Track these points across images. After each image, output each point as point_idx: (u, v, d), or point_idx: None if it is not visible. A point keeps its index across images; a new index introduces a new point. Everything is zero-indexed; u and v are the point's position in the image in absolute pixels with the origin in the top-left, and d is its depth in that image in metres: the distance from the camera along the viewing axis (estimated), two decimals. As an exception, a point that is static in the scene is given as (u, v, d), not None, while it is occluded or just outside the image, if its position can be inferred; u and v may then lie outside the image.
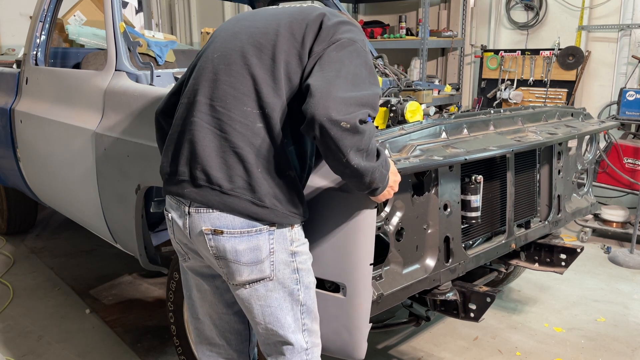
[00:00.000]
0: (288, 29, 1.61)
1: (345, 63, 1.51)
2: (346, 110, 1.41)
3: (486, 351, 2.94)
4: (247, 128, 1.54)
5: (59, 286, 3.73)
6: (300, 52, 1.57)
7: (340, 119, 1.40)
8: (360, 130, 1.42)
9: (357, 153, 1.43)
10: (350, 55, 1.54)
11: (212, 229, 1.56)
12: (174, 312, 2.52)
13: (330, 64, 1.51)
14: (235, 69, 1.59)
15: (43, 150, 3.33)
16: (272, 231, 1.58)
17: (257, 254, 1.58)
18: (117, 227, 2.83)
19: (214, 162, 1.54)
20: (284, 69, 1.56)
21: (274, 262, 1.61)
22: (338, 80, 1.46)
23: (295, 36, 1.59)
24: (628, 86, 4.75)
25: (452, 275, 2.21)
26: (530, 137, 2.39)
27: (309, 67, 1.55)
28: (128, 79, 2.69)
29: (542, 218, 2.78)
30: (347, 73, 1.49)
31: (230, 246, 1.56)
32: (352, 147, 1.42)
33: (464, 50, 5.96)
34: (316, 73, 1.50)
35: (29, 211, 4.67)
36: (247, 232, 1.56)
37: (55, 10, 3.53)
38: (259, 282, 1.62)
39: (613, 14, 5.01)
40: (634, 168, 4.44)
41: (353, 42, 1.58)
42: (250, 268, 1.59)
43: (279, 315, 1.66)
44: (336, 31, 1.59)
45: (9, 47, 6.21)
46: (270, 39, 1.60)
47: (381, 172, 1.52)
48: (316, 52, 1.56)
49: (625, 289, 3.70)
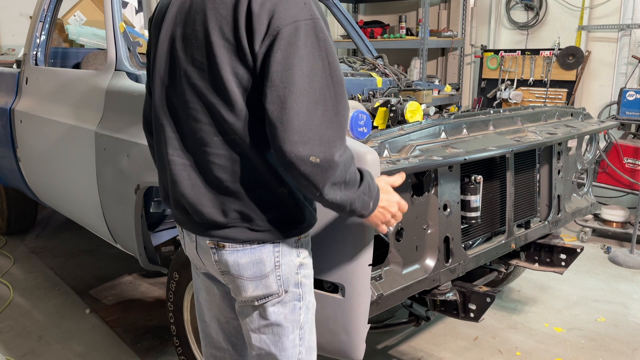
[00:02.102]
0: (217, 29, 1.32)
1: (296, 69, 1.24)
2: (313, 142, 1.23)
3: (486, 351, 2.94)
4: (225, 158, 1.39)
5: (59, 286, 3.73)
6: (241, 56, 1.31)
7: (306, 154, 1.22)
8: (333, 165, 1.25)
9: (332, 187, 1.28)
10: (299, 54, 1.25)
11: (215, 242, 1.49)
12: (174, 312, 2.52)
13: (277, 74, 1.24)
14: (189, 99, 1.41)
15: (43, 150, 3.34)
16: (277, 244, 1.47)
17: (261, 267, 1.47)
18: (117, 227, 2.83)
19: (204, 200, 1.44)
20: (235, 84, 1.33)
21: (280, 276, 1.49)
22: (294, 101, 1.23)
23: (227, 37, 1.31)
24: (628, 86, 4.75)
25: (452, 275, 2.21)
26: (530, 137, 2.39)
27: (258, 76, 1.31)
28: (128, 78, 2.69)
29: (542, 218, 2.78)
30: (303, 87, 1.24)
31: (232, 260, 1.47)
32: (325, 182, 1.26)
33: (464, 50, 5.96)
34: (267, 90, 1.26)
35: (29, 211, 4.67)
36: (250, 245, 1.46)
37: (55, 10, 3.53)
38: (269, 303, 1.51)
39: (613, 14, 5.01)
40: (634, 168, 4.43)
41: (296, 29, 1.26)
42: (254, 283, 1.48)
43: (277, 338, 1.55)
44: (272, 15, 1.26)
45: (9, 47, 6.20)
46: (203, 51, 1.35)
47: (363, 200, 1.36)
48: (258, 55, 1.29)
49: (625, 289, 3.70)
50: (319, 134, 1.24)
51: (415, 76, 5.72)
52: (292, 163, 1.24)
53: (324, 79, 1.27)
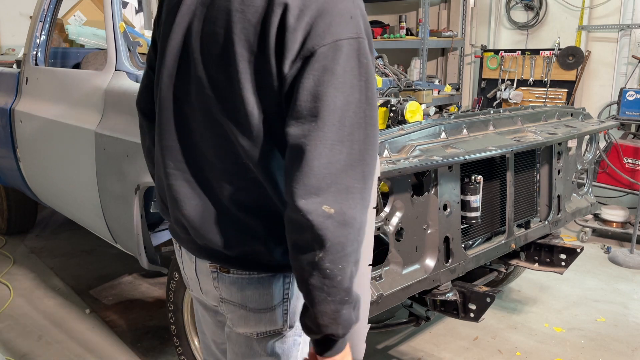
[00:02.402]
0: (243, 38, 1.08)
1: (329, 101, 1.02)
2: (329, 190, 1.02)
3: (486, 351, 2.94)
4: (235, 183, 1.20)
5: (59, 286, 3.73)
6: (266, 76, 1.08)
7: (319, 201, 1.01)
8: (348, 221, 1.03)
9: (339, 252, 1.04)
10: (334, 83, 1.02)
11: (218, 265, 1.28)
12: (174, 312, 2.52)
13: (305, 104, 1.03)
14: (199, 112, 1.20)
15: (43, 150, 3.34)
16: (287, 274, 1.26)
17: (267, 299, 1.27)
18: (117, 227, 2.83)
19: (208, 226, 1.23)
20: (256, 106, 1.11)
21: (287, 310, 1.29)
22: (320, 138, 1.02)
23: (252, 50, 1.08)
24: (628, 86, 4.75)
25: (452, 275, 2.21)
26: (530, 137, 2.40)
27: (284, 101, 1.08)
28: (128, 79, 2.69)
29: (542, 218, 2.78)
30: (332, 122, 1.02)
31: (236, 287, 1.27)
32: (333, 241, 1.02)
33: (464, 50, 5.96)
34: (291, 120, 1.05)
35: (29, 211, 4.66)
36: (257, 273, 1.25)
37: (55, 10, 3.53)
38: (270, 337, 1.31)
39: (613, 14, 5.01)
40: (634, 168, 4.44)
41: (336, 50, 1.03)
42: (257, 316, 1.28)
43: None
44: (308, 32, 1.03)
45: (9, 47, 6.20)
46: (223, 61, 1.12)
47: (349, 316, 1.11)
48: (287, 77, 1.06)
49: (625, 289, 3.70)
50: (338, 180, 1.03)
51: (415, 76, 5.72)
52: (300, 210, 1.01)
53: (357, 115, 1.04)
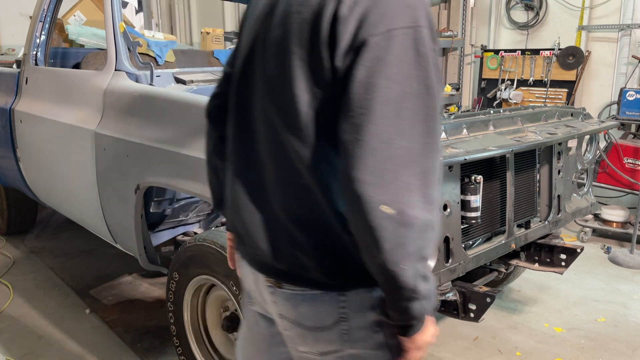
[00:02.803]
0: (298, 35, 1.06)
1: (381, 92, 0.96)
2: (388, 188, 0.96)
3: (486, 351, 2.94)
4: (285, 189, 1.16)
5: (59, 286, 3.73)
6: (319, 71, 1.04)
7: (378, 200, 0.96)
8: (408, 221, 0.97)
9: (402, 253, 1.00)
10: (387, 73, 0.96)
11: (272, 281, 1.23)
12: (174, 312, 2.52)
13: (356, 96, 0.98)
14: (258, 115, 1.19)
15: (43, 150, 3.34)
16: (343, 293, 1.17)
17: (322, 318, 1.19)
18: (117, 227, 2.83)
19: (260, 235, 1.21)
20: (307, 105, 1.07)
21: (347, 331, 1.19)
22: (373, 133, 0.96)
23: (305, 46, 1.05)
24: (628, 86, 4.75)
25: (452, 275, 2.21)
26: (530, 137, 2.39)
27: (337, 97, 1.03)
28: (128, 79, 2.69)
29: (542, 218, 2.78)
30: (387, 115, 0.96)
31: (291, 304, 1.21)
32: (394, 243, 0.98)
33: (464, 50, 5.96)
34: (343, 116, 1.00)
35: (29, 211, 4.66)
36: (310, 290, 1.18)
37: (55, 10, 3.53)
38: (334, 352, 1.22)
39: (613, 14, 5.01)
40: (634, 168, 4.44)
41: (389, 39, 0.97)
42: (314, 335, 1.21)
43: None
44: (361, 21, 0.98)
45: (9, 47, 6.21)
46: (277, 60, 1.11)
47: (423, 305, 1.06)
48: (339, 71, 1.02)
49: (625, 289, 3.70)
50: (396, 177, 0.97)
51: (415, 76, 5.71)
52: (360, 210, 0.97)
53: (416, 107, 0.98)
